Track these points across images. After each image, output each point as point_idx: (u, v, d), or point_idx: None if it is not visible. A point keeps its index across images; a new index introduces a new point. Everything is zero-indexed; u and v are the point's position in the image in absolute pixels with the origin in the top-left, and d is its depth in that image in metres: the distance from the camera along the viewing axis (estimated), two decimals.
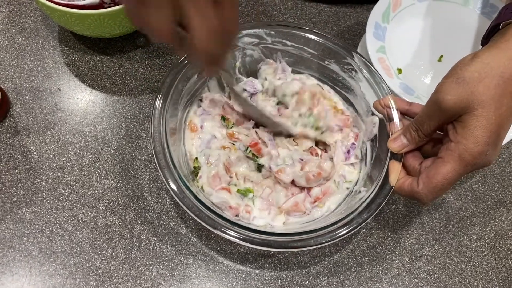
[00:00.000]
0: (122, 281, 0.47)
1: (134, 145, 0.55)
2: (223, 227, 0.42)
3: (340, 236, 0.42)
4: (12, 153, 0.53)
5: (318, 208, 0.50)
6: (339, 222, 0.43)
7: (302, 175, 0.49)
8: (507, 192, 0.56)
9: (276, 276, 0.49)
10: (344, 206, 0.49)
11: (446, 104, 0.40)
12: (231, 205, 0.47)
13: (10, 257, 0.48)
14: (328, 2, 0.70)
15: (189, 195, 0.43)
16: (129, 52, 0.62)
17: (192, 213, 0.43)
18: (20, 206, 0.50)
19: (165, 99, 0.48)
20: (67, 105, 0.57)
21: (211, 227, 0.42)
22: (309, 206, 0.50)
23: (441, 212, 0.54)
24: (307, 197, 0.50)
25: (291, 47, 0.55)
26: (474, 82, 0.40)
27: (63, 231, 0.49)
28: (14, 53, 0.60)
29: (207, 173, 0.49)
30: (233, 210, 0.47)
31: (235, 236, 0.42)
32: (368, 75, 0.52)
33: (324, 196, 0.50)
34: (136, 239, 0.49)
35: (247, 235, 0.42)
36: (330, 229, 0.43)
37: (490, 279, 0.50)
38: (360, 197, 0.47)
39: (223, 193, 0.48)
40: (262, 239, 0.42)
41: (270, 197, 0.49)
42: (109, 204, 0.51)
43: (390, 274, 0.50)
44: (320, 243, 0.42)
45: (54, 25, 0.63)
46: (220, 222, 0.42)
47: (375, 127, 0.51)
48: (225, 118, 0.54)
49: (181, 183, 0.44)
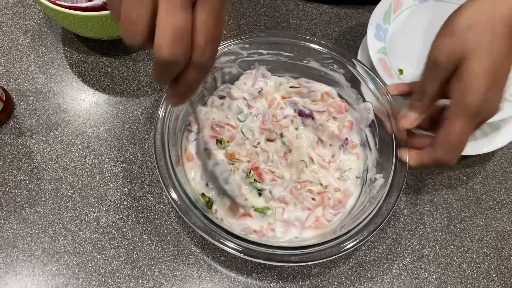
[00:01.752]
0: (124, 281, 0.47)
1: (136, 146, 0.55)
2: (222, 238, 0.42)
3: (347, 249, 0.42)
4: (16, 154, 0.54)
5: (342, 210, 0.50)
6: (348, 233, 0.43)
7: (305, 197, 0.49)
8: (508, 193, 0.56)
9: (278, 276, 0.49)
10: (362, 198, 0.49)
11: (441, 59, 0.40)
12: (254, 229, 0.47)
13: (13, 257, 0.48)
14: (330, 3, 0.70)
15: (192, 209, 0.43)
16: (131, 53, 0.62)
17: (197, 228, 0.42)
18: (23, 206, 0.51)
19: (162, 132, 0.47)
20: (70, 106, 0.58)
21: (214, 240, 0.42)
22: (331, 214, 0.49)
23: (442, 212, 0.54)
24: (326, 207, 0.49)
25: (267, 55, 0.55)
26: (463, 32, 0.39)
27: (66, 231, 0.50)
28: (18, 54, 0.61)
29: (222, 206, 0.48)
30: (258, 233, 0.47)
31: (233, 248, 0.41)
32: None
33: (346, 197, 0.50)
34: (138, 239, 0.50)
35: (246, 247, 0.42)
36: (338, 241, 0.43)
37: (491, 280, 0.50)
38: (379, 185, 0.47)
39: (245, 219, 0.48)
40: (268, 252, 0.41)
41: (285, 216, 0.49)
42: (111, 205, 0.51)
43: (391, 275, 0.50)
44: (329, 256, 0.42)
45: (57, 27, 0.64)
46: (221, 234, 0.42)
47: (370, 113, 0.52)
48: (220, 140, 0.52)
49: (181, 192, 0.44)
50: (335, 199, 0.50)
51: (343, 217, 0.49)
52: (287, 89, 0.56)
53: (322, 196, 0.50)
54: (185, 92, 0.34)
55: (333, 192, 0.50)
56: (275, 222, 0.48)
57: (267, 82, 0.56)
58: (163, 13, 0.28)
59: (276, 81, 0.57)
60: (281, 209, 0.49)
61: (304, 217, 0.48)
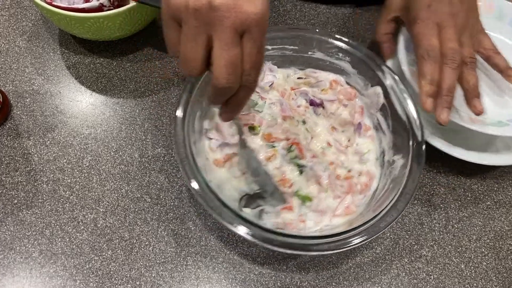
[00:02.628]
0: (122, 283, 0.47)
1: (134, 147, 0.55)
2: (235, 222, 0.42)
3: (383, 227, 0.43)
4: (13, 156, 0.54)
5: (367, 194, 0.51)
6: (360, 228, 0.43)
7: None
8: (506, 193, 0.56)
9: (276, 278, 0.49)
10: (384, 180, 0.50)
11: None
12: (287, 222, 0.48)
13: (10, 259, 0.48)
14: (327, 4, 0.70)
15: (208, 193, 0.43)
16: (128, 54, 0.62)
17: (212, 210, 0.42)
18: (20, 208, 0.51)
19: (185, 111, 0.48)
20: (67, 107, 0.58)
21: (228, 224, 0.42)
22: (359, 200, 0.50)
23: (440, 212, 0.54)
24: (354, 194, 0.50)
25: (272, 50, 0.56)
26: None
27: (64, 233, 0.50)
28: (14, 56, 0.61)
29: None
30: (289, 225, 0.48)
31: (246, 233, 0.41)
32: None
33: (370, 180, 0.51)
34: (136, 240, 0.50)
35: (258, 233, 0.42)
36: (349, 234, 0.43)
37: (489, 280, 0.50)
38: (399, 165, 0.48)
39: (285, 213, 0.48)
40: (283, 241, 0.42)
41: (320, 207, 0.49)
42: (109, 206, 0.51)
43: (389, 275, 0.50)
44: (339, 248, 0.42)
45: (54, 28, 0.64)
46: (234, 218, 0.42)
47: (380, 97, 0.52)
48: (252, 127, 0.52)
49: (200, 179, 0.44)
50: (361, 184, 0.51)
51: (367, 200, 0.50)
52: (295, 80, 0.57)
53: (349, 182, 0.51)
54: (235, 109, 0.40)
55: (357, 176, 0.51)
56: (307, 214, 0.49)
57: (276, 75, 0.57)
58: (218, 49, 0.34)
59: (283, 73, 0.58)
60: (317, 199, 0.49)
61: (335, 205, 0.49)
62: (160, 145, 0.56)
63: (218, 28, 0.34)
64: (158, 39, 0.64)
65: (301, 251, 0.42)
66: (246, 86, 0.37)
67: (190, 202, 0.52)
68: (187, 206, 0.52)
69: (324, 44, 0.55)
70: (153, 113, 0.58)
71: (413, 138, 0.48)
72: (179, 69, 0.36)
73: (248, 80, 0.37)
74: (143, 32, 0.63)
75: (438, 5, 0.50)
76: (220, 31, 0.34)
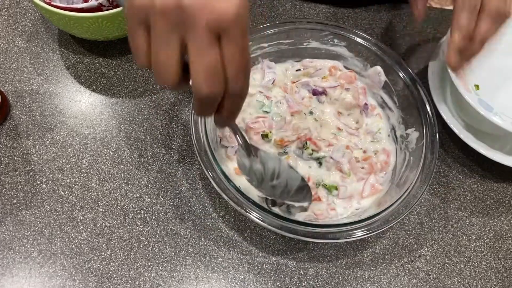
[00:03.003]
0: (121, 282, 0.47)
1: (133, 147, 0.55)
2: (248, 208, 0.44)
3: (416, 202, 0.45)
4: (12, 156, 0.54)
5: (387, 170, 0.52)
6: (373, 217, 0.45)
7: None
8: (506, 192, 0.56)
9: (275, 277, 0.49)
10: (402, 155, 0.52)
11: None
12: (315, 213, 0.49)
13: (10, 259, 0.48)
14: (327, 3, 0.70)
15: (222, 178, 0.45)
16: (128, 54, 0.62)
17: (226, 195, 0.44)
18: (20, 208, 0.51)
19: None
20: (66, 107, 0.58)
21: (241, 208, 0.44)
22: (382, 178, 0.52)
23: (440, 212, 0.54)
24: (376, 173, 0.52)
25: (269, 47, 0.57)
26: None
27: (63, 233, 0.50)
28: (14, 56, 0.61)
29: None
30: (321, 215, 0.49)
31: (256, 217, 0.43)
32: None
33: (388, 157, 0.53)
34: (135, 240, 0.50)
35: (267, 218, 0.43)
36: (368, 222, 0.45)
37: (489, 279, 0.50)
38: (415, 138, 0.51)
39: (314, 204, 0.49)
40: (300, 229, 0.43)
41: (347, 193, 0.50)
42: (108, 206, 0.51)
43: (388, 275, 0.50)
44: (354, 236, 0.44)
45: (53, 28, 0.64)
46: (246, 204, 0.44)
47: (381, 75, 0.54)
48: (265, 134, 0.52)
49: (216, 168, 0.45)
50: (380, 162, 0.52)
51: (389, 176, 0.52)
52: (294, 73, 0.58)
53: (369, 162, 0.52)
54: (228, 118, 0.36)
55: (375, 155, 0.53)
56: (335, 202, 0.50)
57: (275, 71, 0.57)
58: (193, 54, 0.30)
59: (281, 68, 0.58)
60: (343, 186, 0.51)
61: (360, 187, 0.51)
62: (159, 145, 0.56)
63: (190, 31, 0.30)
64: None
65: (332, 239, 0.44)
66: (235, 93, 0.33)
67: (189, 202, 0.52)
68: (186, 206, 0.52)
69: (318, 33, 0.56)
70: (152, 113, 0.58)
71: (422, 110, 0.51)
72: (154, 81, 0.30)
73: (235, 88, 0.33)
74: None
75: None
76: (193, 33, 0.30)
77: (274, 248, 0.50)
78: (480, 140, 0.55)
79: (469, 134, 0.55)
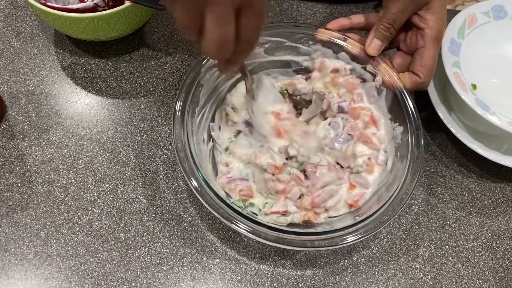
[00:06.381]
0: (118, 284, 0.47)
1: (129, 148, 0.55)
2: (234, 220, 0.43)
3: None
4: (8, 157, 0.53)
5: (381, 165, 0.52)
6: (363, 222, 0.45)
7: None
8: (503, 192, 0.56)
9: (272, 278, 0.49)
10: (389, 136, 0.52)
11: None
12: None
13: (5, 261, 0.48)
14: (324, 2, 0.70)
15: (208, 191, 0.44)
16: (124, 55, 0.62)
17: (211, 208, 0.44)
18: (15, 209, 0.50)
19: (185, 101, 0.49)
20: (62, 108, 0.57)
21: (226, 220, 0.43)
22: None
23: (437, 212, 0.54)
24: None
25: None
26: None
27: (59, 235, 0.49)
28: (9, 57, 0.61)
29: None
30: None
31: (244, 229, 0.43)
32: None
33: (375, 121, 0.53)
34: (132, 241, 0.49)
35: (257, 229, 0.43)
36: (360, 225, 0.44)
37: (487, 279, 0.50)
38: (399, 133, 0.51)
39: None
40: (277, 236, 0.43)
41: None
42: (104, 207, 0.51)
43: (386, 275, 0.50)
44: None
45: (49, 28, 0.64)
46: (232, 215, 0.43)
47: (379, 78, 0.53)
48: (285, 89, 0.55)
49: (202, 181, 0.45)
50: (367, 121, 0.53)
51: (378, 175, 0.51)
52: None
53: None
54: (234, 63, 0.40)
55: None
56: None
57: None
58: (210, 24, 0.33)
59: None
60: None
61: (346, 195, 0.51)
62: (155, 146, 0.55)
63: (215, 2, 0.32)
64: (153, 40, 0.64)
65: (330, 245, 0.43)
66: (245, 49, 0.37)
67: (185, 203, 0.52)
68: (183, 207, 0.52)
69: (292, 36, 0.55)
70: (148, 114, 0.58)
71: (404, 104, 0.51)
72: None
73: (246, 47, 0.37)
74: (138, 32, 0.63)
75: None
76: (216, 5, 0.32)
77: (271, 249, 0.50)
78: (477, 140, 0.55)
79: (467, 134, 0.55)
